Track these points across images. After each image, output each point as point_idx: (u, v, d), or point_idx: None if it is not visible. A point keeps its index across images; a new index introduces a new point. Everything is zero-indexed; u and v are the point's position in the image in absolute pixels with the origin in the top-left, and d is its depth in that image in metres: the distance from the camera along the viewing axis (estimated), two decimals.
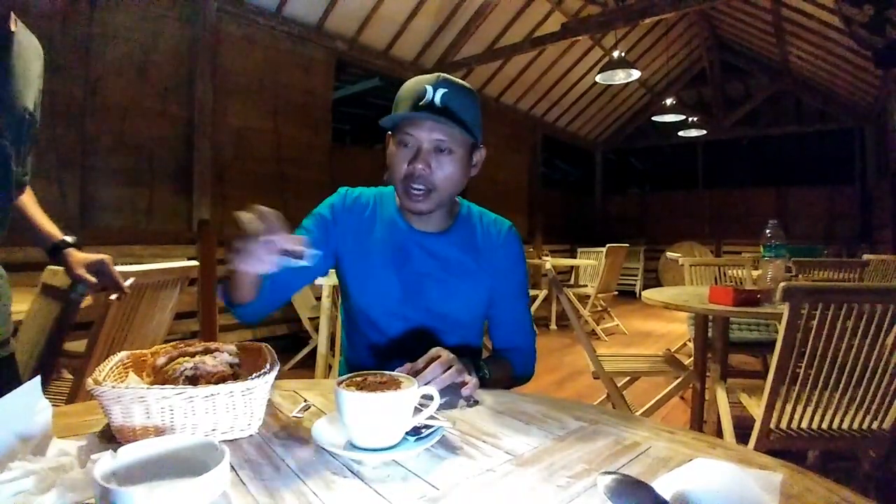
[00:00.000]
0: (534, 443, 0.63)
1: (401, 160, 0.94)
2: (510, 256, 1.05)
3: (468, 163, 0.99)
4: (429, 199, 0.94)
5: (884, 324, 1.29)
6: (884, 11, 3.61)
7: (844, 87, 6.66)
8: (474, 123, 0.95)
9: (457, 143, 0.94)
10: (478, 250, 1.03)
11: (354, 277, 1.02)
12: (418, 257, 1.01)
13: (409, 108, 0.92)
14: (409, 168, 0.93)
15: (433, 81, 0.93)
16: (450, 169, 0.94)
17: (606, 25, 5.07)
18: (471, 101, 0.96)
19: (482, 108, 1.01)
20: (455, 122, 0.90)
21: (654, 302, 1.96)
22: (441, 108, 0.90)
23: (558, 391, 3.24)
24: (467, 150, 0.97)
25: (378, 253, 1.01)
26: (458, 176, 0.96)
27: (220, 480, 0.46)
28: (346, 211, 1.04)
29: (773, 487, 0.45)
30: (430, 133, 0.92)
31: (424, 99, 0.91)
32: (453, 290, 1.00)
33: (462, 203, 1.09)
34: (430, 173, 0.93)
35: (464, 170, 0.98)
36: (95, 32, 3.32)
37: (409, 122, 0.92)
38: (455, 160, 0.95)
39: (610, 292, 5.13)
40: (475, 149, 1.01)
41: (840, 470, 1.81)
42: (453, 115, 0.91)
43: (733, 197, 8.42)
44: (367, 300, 1.01)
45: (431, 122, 0.91)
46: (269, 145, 4.33)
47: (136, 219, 3.55)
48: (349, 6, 4.67)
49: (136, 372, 0.75)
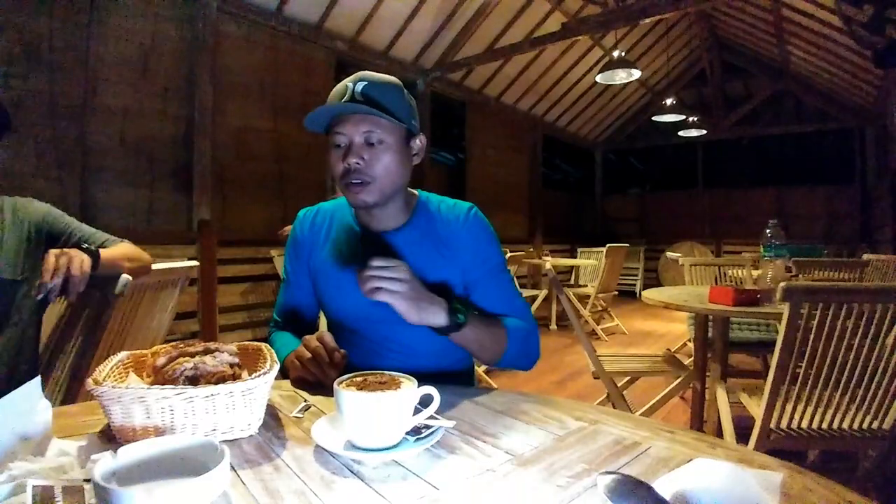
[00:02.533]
0: (534, 443, 0.63)
1: (336, 159, 0.95)
2: (475, 237, 1.01)
3: (406, 152, 0.98)
4: (368, 190, 0.94)
5: (884, 324, 1.29)
6: (884, 11, 3.60)
7: (844, 87, 6.66)
8: (402, 112, 0.95)
9: (387, 132, 0.93)
10: (439, 239, 1.01)
11: (325, 288, 1.04)
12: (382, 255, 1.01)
13: None
14: (344, 165, 0.93)
15: (353, 79, 0.95)
16: (385, 159, 0.94)
17: (606, 25, 5.07)
18: (394, 89, 0.96)
19: (482, 108, 1.01)
20: (380, 111, 0.90)
21: (654, 302, 1.96)
22: (361, 100, 0.91)
23: (558, 391, 3.24)
24: (401, 140, 0.96)
25: (337, 259, 1.02)
26: (395, 166, 0.95)
27: (220, 480, 0.46)
28: (305, 232, 1.07)
29: (774, 487, 0.45)
30: (357, 126, 0.92)
31: (346, 96, 0.92)
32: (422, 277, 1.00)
33: (420, 194, 1.08)
34: (365, 165, 0.93)
35: (401, 159, 0.96)
36: (95, 32, 3.32)
37: (337, 121, 0.93)
38: (388, 150, 0.94)
39: (610, 292, 5.13)
40: (412, 137, 0.99)
41: (840, 470, 1.81)
42: (376, 103, 0.91)
43: (733, 197, 8.41)
44: (338, 309, 1.03)
45: (357, 116, 0.92)
46: (269, 145, 4.33)
47: (136, 219, 3.55)
48: (349, 6, 4.67)
49: (136, 372, 0.75)
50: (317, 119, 0.95)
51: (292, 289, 1.10)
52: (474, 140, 6.64)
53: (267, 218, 3.73)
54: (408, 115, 0.97)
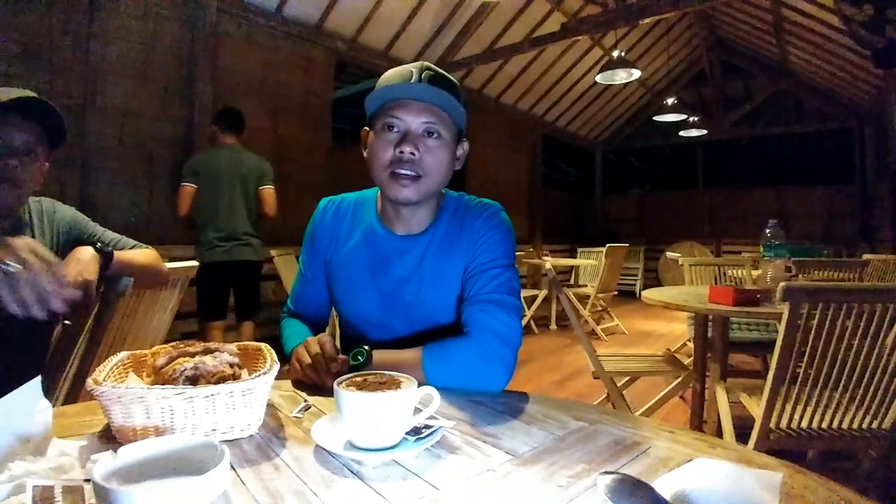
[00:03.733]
0: (534, 443, 0.63)
1: (386, 144, 0.88)
2: (483, 235, 0.93)
3: (454, 153, 0.94)
4: (417, 186, 0.88)
5: (884, 323, 1.29)
6: (884, 11, 3.60)
7: (844, 87, 6.66)
8: (460, 111, 0.91)
9: (446, 127, 0.89)
10: (457, 243, 0.95)
11: (338, 288, 1.01)
12: (396, 265, 0.95)
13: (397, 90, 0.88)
14: (396, 152, 0.86)
15: (417, 66, 0.89)
16: (440, 155, 0.89)
17: (606, 25, 5.07)
18: (456, 86, 0.92)
19: (482, 108, 1.01)
20: (444, 105, 0.87)
21: (654, 302, 1.96)
22: (431, 87, 0.86)
23: (558, 391, 3.24)
24: (454, 139, 0.92)
25: (355, 263, 0.98)
26: (445, 165, 0.91)
27: (220, 480, 0.46)
28: (326, 224, 1.02)
29: (774, 487, 0.45)
30: (419, 116, 0.87)
31: (412, 80, 0.87)
32: (433, 296, 0.93)
33: (447, 194, 1.02)
34: (420, 158, 0.87)
35: (451, 159, 0.92)
36: (95, 32, 3.32)
37: (395, 105, 0.87)
38: (444, 146, 0.89)
39: (610, 292, 5.13)
40: (460, 141, 0.95)
41: (840, 469, 1.81)
42: (443, 95, 0.86)
43: (733, 197, 8.42)
44: (349, 311, 1.00)
45: (421, 104, 0.87)
46: (269, 145, 4.33)
47: (135, 219, 3.55)
48: (349, 6, 4.67)
49: (137, 372, 0.75)
50: (378, 97, 0.88)
51: (307, 282, 1.06)
52: (474, 140, 6.55)
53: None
54: (463, 115, 0.93)
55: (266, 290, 4.15)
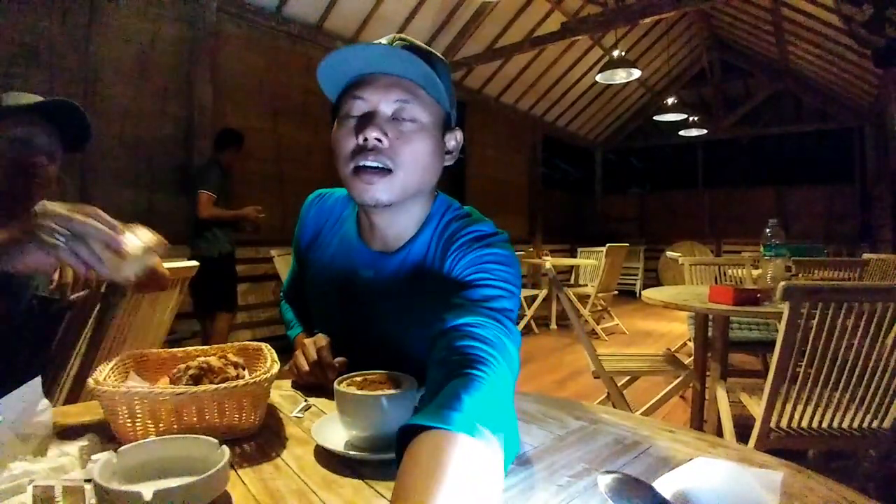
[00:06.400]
0: (534, 442, 0.63)
1: (347, 133, 0.69)
2: (464, 259, 0.70)
3: (440, 143, 0.73)
4: (387, 183, 0.68)
5: (884, 323, 1.29)
6: (884, 11, 3.60)
7: (844, 87, 6.66)
8: (444, 92, 0.71)
9: (423, 109, 0.70)
10: (439, 266, 0.74)
11: (310, 303, 0.91)
12: (365, 289, 0.79)
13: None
14: (358, 140, 0.67)
15: (389, 38, 0.72)
16: (417, 142, 0.69)
17: (606, 25, 5.07)
18: (439, 61, 0.74)
19: (482, 108, 0.96)
20: (423, 80, 0.68)
21: (654, 301, 1.96)
22: (402, 54, 0.66)
23: (558, 391, 3.24)
24: (438, 127, 0.73)
25: (327, 282, 0.84)
26: (426, 156, 0.70)
27: (220, 480, 0.46)
28: (307, 222, 0.91)
29: (774, 486, 0.45)
30: (388, 93, 0.68)
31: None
32: (405, 326, 0.76)
33: (438, 201, 0.80)
34: (389, 146, 0.67)
35: (435, 150, 0.72)
36: (95, 32, 3.32)
37: (358, 83, 0.69)
38: (422, 132, 0.69)
39: (610, 292, 5.13)
40: (449, 130, 0.76)
41: (840, 469, 1.81)
42: (421, 67, 0.66)
43: (733, 196, 8.42)
44: (319, 326, 0.88)
45: (389, 78, 0.68)
46: (269, 145, 4.33)
47: (136, 219, 3.53)
48: (349, 6, 4.67)
49: (137, 372, 0.75)
50: (333, 68, 0.69)
51: (295, 276, 0.98)
52: (474, 140, 6.64)
53: (266, 218, 3.73)
54: (450, 98, 0.74)
55: (266, 290, 4.16)
